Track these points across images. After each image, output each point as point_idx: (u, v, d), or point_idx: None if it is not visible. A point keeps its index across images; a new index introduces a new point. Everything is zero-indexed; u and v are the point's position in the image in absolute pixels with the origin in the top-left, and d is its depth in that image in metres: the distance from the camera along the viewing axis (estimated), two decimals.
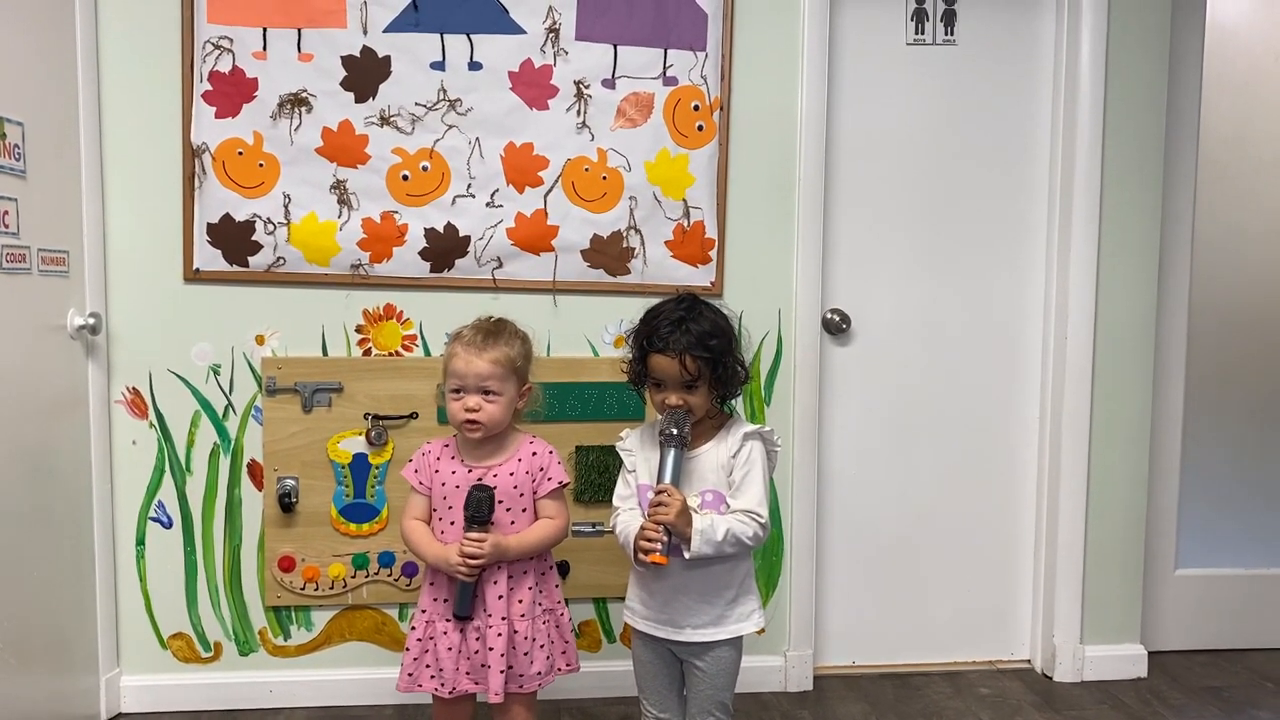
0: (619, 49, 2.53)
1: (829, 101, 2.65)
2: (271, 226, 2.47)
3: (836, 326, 2.75)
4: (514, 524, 1.92)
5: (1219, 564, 3.03)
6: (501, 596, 1.90)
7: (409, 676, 1.94)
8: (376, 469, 2.53)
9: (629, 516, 1.88)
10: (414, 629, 1.96)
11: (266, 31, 2.43)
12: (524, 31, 2.50)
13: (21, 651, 2.10)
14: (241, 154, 2.45)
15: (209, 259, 2.47)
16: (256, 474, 2.53)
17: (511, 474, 1.93)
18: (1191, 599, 3.01)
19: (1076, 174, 2.72)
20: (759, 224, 2.64)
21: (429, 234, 2.51)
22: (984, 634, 2.91)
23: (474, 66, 2.49)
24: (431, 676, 1.93)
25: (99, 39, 2.39)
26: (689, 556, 1.78)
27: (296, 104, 2.45)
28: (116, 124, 2.42)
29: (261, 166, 2.45)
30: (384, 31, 2.46)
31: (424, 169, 2.50)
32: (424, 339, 2.56)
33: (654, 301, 1.92)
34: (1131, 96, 2.74)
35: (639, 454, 1.92)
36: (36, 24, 2.18)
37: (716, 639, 1.87)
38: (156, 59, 2.42)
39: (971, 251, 2.82)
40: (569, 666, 2.01)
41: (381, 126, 2.48)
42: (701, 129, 2.58)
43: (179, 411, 2.50)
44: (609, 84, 2.54)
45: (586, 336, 2.61)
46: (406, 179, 2.50)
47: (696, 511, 1.81)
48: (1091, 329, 2.75)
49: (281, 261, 2.48)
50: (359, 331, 2.54)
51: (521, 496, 1.93)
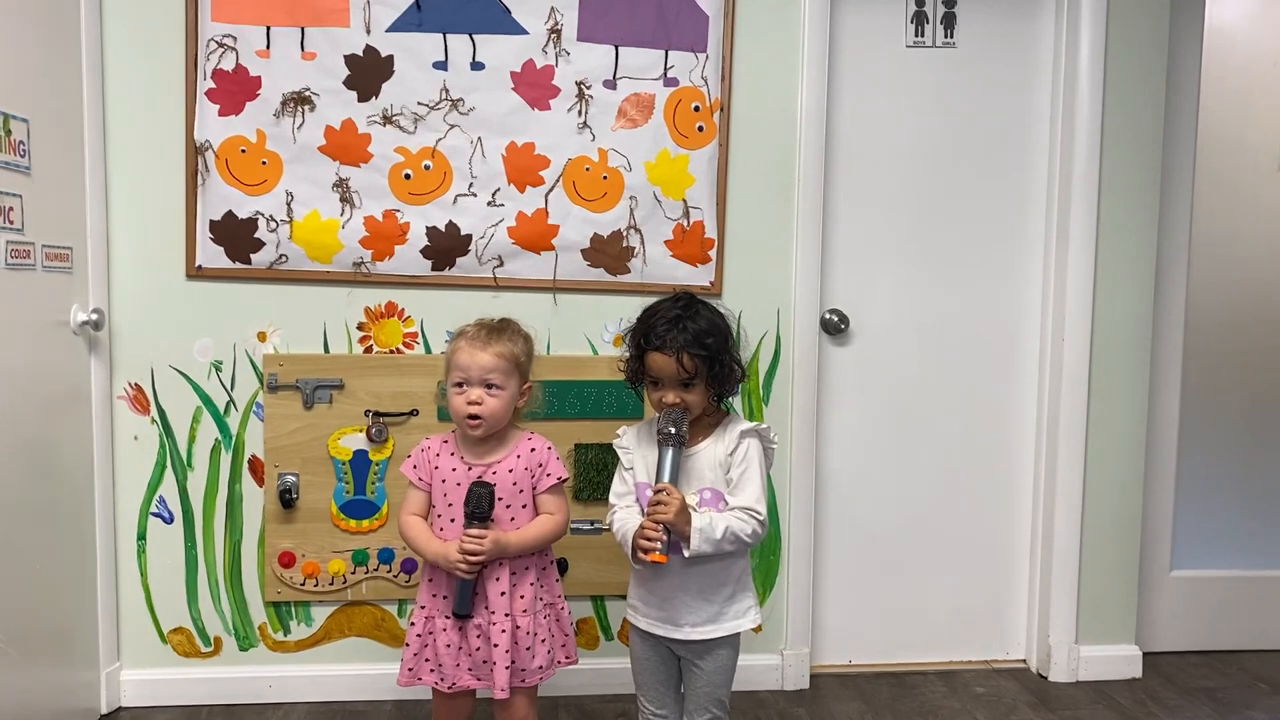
0: (620, 50, 2.55)
1: (829, 103, 2.67)
2: (274, 224, 2.48)
3: (835, 327, 2.77)
4: (514, 520, 1.93)
5: (1214, 565, 3.04)
6: (504, 592, 1.90)
7: (409, 671, 1.95)
8: (377, 466, 2.54)
9: (626, 514, 1.88)
10: (413, 624, 1.97)
11: (270, 30, 2.45)
12: (526, 32, 2.51)
13: (23, 645, 2.11)
14: (244, 152, 2.46)
15: (211, 256, 2.48)
16: (257, 470, 2.54)
17: (511, 470, 1.94)
18: (1186, 600, 3.03)
19: (1074, 177, 2.74)
20: (758, 224, 2.65)
21: (430, 232, 2.52)
22: (980, 633, 2.92)
23: (476, 66, 2.51)
24: (432, 671, 1.94)
25: (104, 36, 2.40)
26: (688, 555, 1.79)
27: (299, 102, 2.47)
28: (120, 121, 2.44)
29: (264, 164, 2.47)
30: (387, 31, 2.48)
31: (426, 168, 2.51)
32: (425, 337, 2.57)
33: (652, 300, 1.94)
34: (1130, 100, 2.75)
35: (636, 451, 1.93)
36: (42, 21, 2.19)
37: (714, 636, 1.87)
38: (161, 57, 2.43)
39: (969, 253, 2.83)
40: (568, 659, 2.02)
41: (384, 125, 2.49)
42: (702, 130, 2.59)
43: (181, 407, 2.51)
44: (610, 85, 2.55)
45: (586, 335, 2.62)
46: (409, 178, 2.51)
47: (695, 510, 1.82)
48: (1088, 331, 2.76)
49: (284, 259, 2.50)
50: (360, 329, 2.55)
51: (521, 493, 1.94)
